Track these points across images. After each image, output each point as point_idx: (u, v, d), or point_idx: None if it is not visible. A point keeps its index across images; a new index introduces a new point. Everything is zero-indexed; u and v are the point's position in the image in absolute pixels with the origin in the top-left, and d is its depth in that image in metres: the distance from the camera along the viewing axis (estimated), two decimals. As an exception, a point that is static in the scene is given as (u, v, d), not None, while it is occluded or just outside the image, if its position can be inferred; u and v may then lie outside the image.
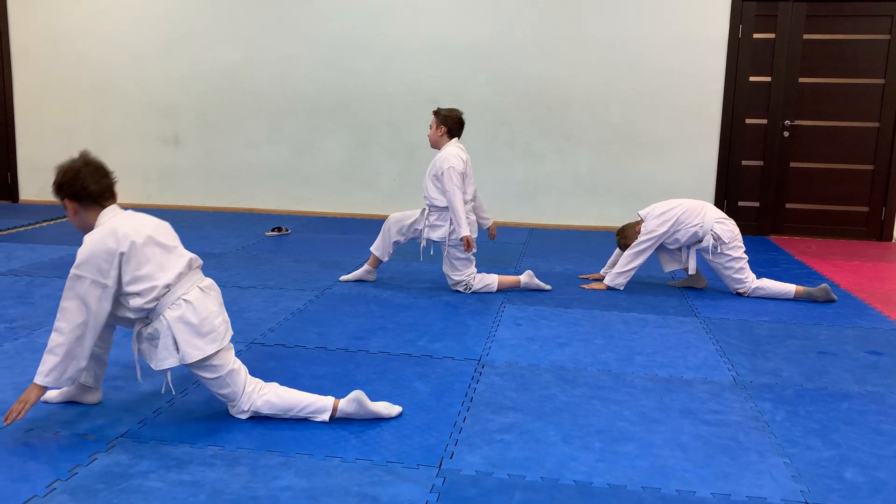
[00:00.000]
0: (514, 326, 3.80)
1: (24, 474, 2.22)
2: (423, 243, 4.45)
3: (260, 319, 3.81)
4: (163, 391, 2.73)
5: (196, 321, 2.47)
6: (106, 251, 2.41)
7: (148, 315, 2.49)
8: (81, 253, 2.42)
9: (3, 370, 3.04)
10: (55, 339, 2.40)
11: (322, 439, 2.47)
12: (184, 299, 2.48)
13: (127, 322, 2.58)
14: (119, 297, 2.46)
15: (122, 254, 2.41)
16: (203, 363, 2.50)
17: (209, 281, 2.64)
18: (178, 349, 2.46)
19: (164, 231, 2.61)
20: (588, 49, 6.68)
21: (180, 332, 2.46)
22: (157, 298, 2.45)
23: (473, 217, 4.45)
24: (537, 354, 3.38)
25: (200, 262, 2.64)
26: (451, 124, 4.38)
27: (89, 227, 2.52)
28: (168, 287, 2.46)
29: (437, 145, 4.41)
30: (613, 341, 3.60)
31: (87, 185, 2.48)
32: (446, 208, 4.31)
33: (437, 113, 4.41)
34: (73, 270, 2.41)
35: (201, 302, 2.52)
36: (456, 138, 4.41)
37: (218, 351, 2.52)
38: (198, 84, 7.23)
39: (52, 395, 2.72)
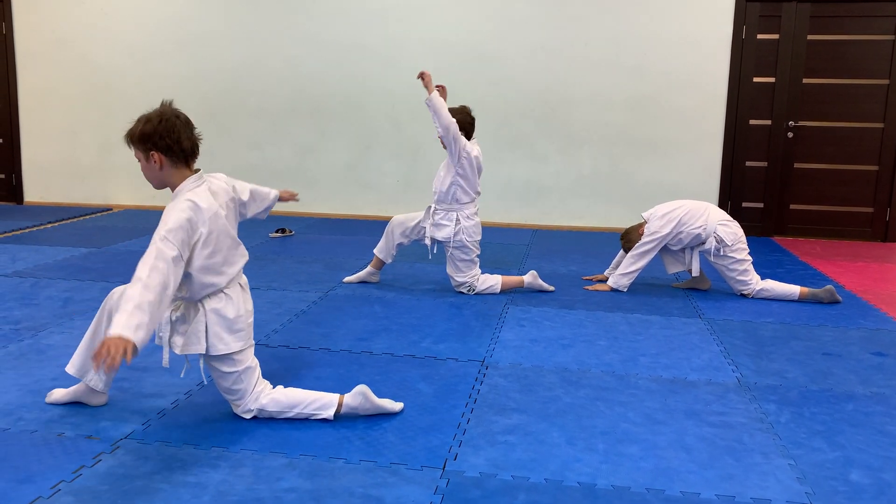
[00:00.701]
0: (517, 328, 3.80)
1: (29, 475, 2.22)
2: (428, 242, 4.42)
3: (264, 321, 3.81)
4: (181, 375, 2.72)
5: (231, 316, 2.48)
6: (191, 226, 2.32)
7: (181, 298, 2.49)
8: (169, 221, 2.28)
9: (8, 371, 3.05)
10: (144, 294, 2.15)
11: (326, 440, 2.47)
12: (224, 292, 2.48)
13: None
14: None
15: (202, 234, 2.35)
16: (224, 356, 2.50)
17: (245, 279, 2.65)
18: (206, 339, 2.46)
19: (233, 214, 2.56)
20: (592, 50, 6.68)
21: (213, 323, 2.46)
22: (205, 295, 2.45)
23: (478, 219, 4.43)
24: (541, 356, 3.38)
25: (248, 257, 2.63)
26: (466, 127, 4.37)
27: (165, 184, 2.43)
28: (221, 289, 2.47)
29: None
30: (617, 342, 3.60)
31: (181, 140, 2.35)
32: (453, 207, 4.31)
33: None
34: (162, 233, 2.25)
35: (240, 299, 2.52)
36: (473, 139, 4.39)
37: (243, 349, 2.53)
38: (201, 85, 7.25)
39: (57, 394, 2.73)
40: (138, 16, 7.24)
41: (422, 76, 4.05)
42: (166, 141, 2.34)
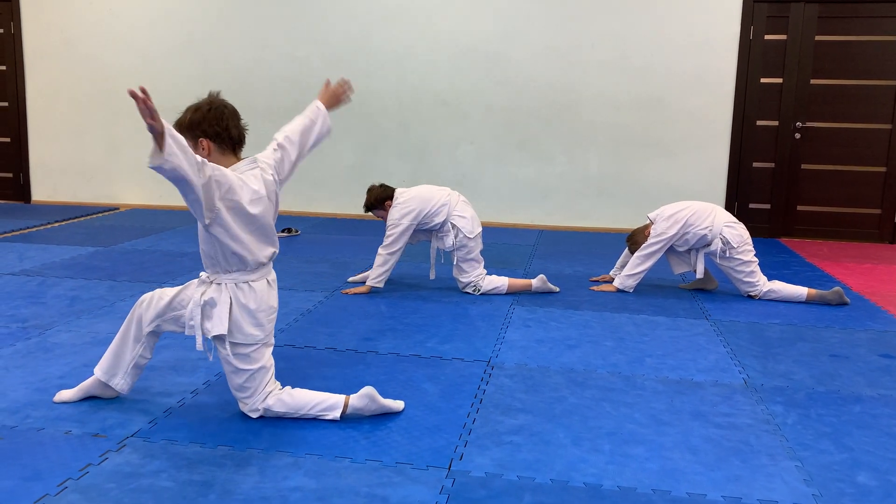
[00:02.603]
0: (523, 328, 3.80)
1: (36, 473, 2.23)
2: (433, 254, 4.49)
3: (270, 320, 3.81)
4: (210, 358, 2.67)
5: (253, 307, 2.51)
6: (230, 181, 2.39)
7: (215, 276, 2.51)
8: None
9: (15, 369, 3.06)
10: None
11: (332, 440, 2.48)
12: (249, 284, 2.51)
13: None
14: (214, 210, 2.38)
15: (238, 197, 2.40)
16: (243, 351, 2.52)
17: (275, 275, 2.66)
18: (229, 321, 2.48)
19: (273, 207, 2.60)
20: (598, 50, 6.67)
21: (236, 310, 2.49)
22: (236, 255, 2.45)
23: (471, 212, 4.44)
24: (547, 356, 3.37)
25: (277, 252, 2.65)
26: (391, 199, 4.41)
27: None
28: (247, 280, 2.48)
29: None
30: (623, 343, 3.59)
31: (229, 127, 2.45)
32: (445, 223, 4.32)
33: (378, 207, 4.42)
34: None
35: (264, 294, 2.54)
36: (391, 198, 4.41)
37: (260, 345, 2.54)
38: (208, 86, 7.18)
39: (67, 394, 2.74)
40: (146, 16, 7.26)
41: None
42: (215, 128, 2.44)
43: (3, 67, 7.60)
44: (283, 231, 6.17)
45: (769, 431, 2.64)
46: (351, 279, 4.67)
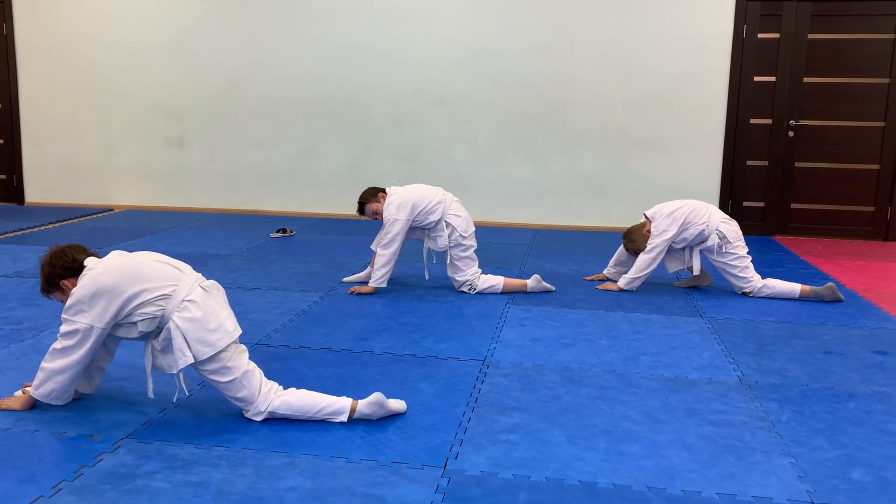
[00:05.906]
0: (518, 327, 3.80)
1: (31, 474, 2.22)
2: (425, 254, 4.50)
3: (265, 320, 3.81)
4: (174, 399, 2.72)
5: (200, 315, 2.50)
6: (101, 289, 2.55)
7: (158, 325, 2.53)
8: (75, 294, 2.57)
9: (10, 371, 3.05)
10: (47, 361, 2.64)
11: (327, 440, 2.48)
12: (187, 300, 2.51)
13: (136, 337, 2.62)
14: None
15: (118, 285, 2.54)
16: (217, 366, 2.52)
17: (212, 281, 2.66)
18: (190, 349, 2.48)
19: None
20: (593, 49, 6.67)
21: (189, 331, 2.48)
22: (163, 298, 2.51)
23: (465, 212, 4.44)
24: (542, 355, 3.38)
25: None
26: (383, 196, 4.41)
27: None
28: (182, 299, 2.52)
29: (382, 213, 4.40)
30: (618, 342, 3.60)
31: (74, 258, 2.62)
32: (439, 221, 4.32)
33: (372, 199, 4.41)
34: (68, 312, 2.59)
35: (204, 300, 2.56)
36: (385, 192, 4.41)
37: (231, 352, 2.54)
38: (203, 86, 7.25)
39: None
40: (139, 16, 7.24)
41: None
42: (67, 266, 2.61)
43: (-4, 68, 7.59)
44: (277, 231, 6.16)
45: (763, 428, 2.64)
46: (345, 279, 4.67)
